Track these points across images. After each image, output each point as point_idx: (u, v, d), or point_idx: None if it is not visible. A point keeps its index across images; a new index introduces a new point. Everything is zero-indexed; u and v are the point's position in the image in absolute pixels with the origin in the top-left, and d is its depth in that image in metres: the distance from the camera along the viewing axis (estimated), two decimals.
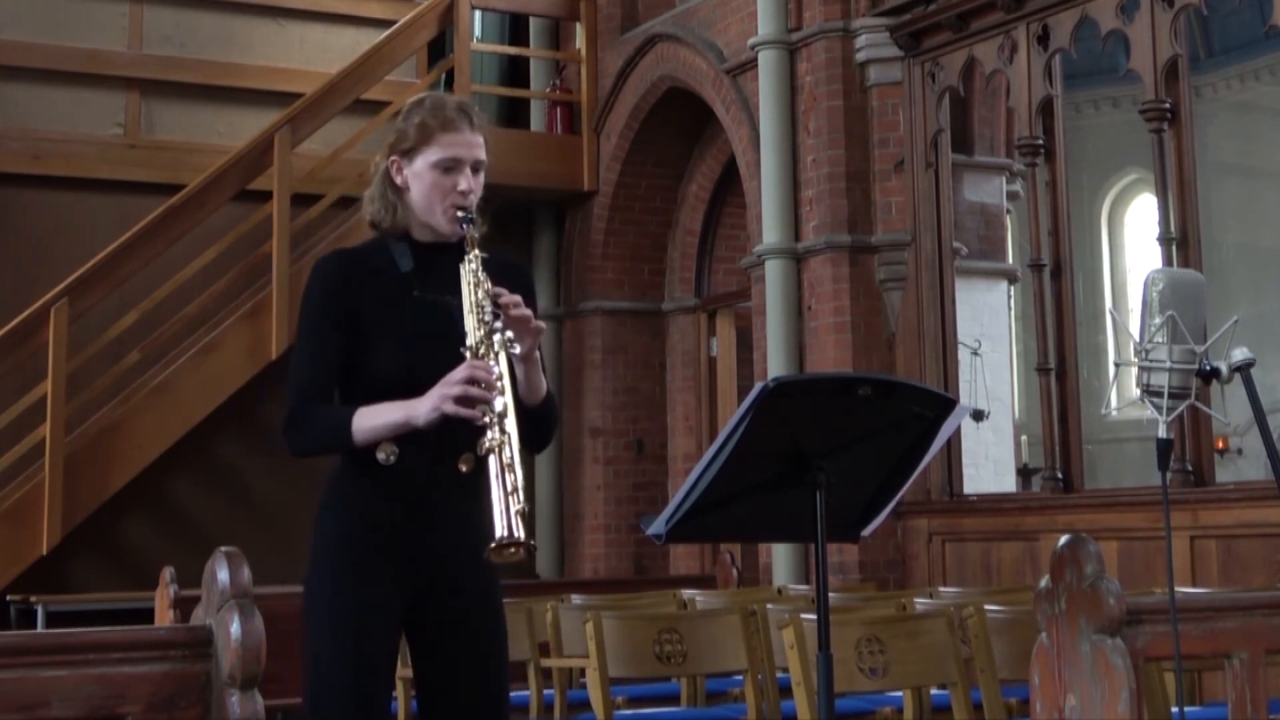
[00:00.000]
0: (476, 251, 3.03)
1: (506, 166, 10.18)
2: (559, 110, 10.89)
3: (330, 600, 3.02)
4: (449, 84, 10.60)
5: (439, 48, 10.87)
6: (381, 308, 3.06)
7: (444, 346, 2.98)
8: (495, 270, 3.06)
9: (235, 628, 2.17)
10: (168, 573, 6.64)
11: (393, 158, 3.13)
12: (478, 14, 10.84)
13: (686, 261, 10.85)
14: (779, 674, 5.04)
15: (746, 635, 4.97)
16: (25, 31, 9.69)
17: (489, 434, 2.87)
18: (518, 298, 3.00)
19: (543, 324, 3.05)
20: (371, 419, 2.98)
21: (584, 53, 10.78)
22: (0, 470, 8.66)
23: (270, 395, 9.49)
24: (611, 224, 10.69)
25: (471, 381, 2.90)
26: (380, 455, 2.99)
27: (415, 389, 2.96)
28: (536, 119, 11.13)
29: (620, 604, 6.13)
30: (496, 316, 2.97)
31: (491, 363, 2.93)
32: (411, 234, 3.14)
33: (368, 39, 10.24)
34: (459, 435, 2.95)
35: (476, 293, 2.99)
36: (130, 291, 9.07)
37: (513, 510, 2.81)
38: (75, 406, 8.81)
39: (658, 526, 2.95)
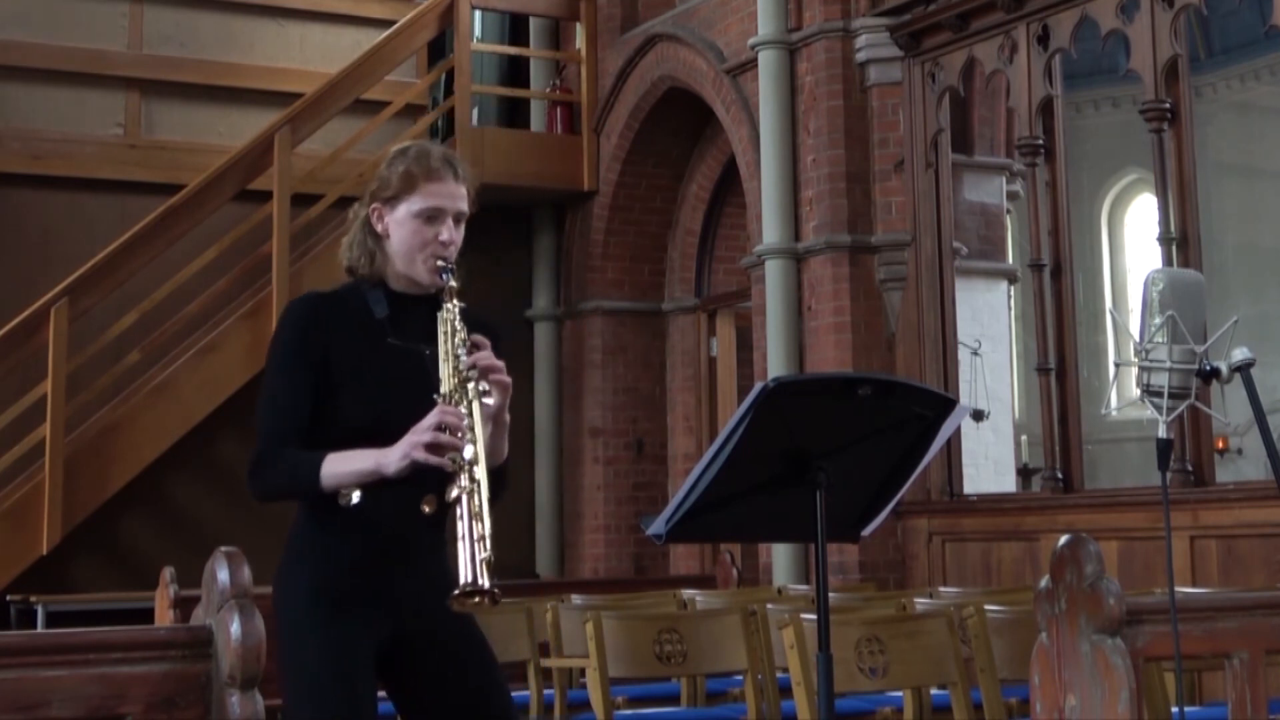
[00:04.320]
0: (455, 301, 3.01)
1: (506, 166, 10.20)
2: (559, 110, 10.89)
3: (306, 648, 2.95)
4: (449, 84, 10.60)
5: (439, 48, 10.87)
6: (354, 352, 3.02)
7: (415, 396, 2.94)
8: (469, 323, 3.02)
9: (235, 628, 2.18)
10: (168, 573, 6.63)
11: (374, 205, 3.10)
12: (478, 14, 10.84)
13: (686, 261, 10.85)
14: (779, 674, 5.04)
15: (746, 635, 4.97)
16: (25, 31, 9.68)
17: (459, 480, 2.83)
18: (488, 352, 2.97)
19: (509, 381, 3.00)
20: (341, 465, 2.92)
21: (584, 53, 10.78)
22: (0, 470, 8.66)
23: None
24: (611, 224, 10.69)
25: (441, 427, 2.86)
26: (341, 495, 2.94)
27: (384, 437, 2.91)
28: (536, 119, 11.13)
29: (620, 604, 6.13)
30: (472, 366, 2.93)
31: (463, 409, 2.89)
32: (388, 282, 3.10)
33: (368, 39, 10.25)
34: (424, 477, 2.91)
35: (452, 340, 2.96)
36: (130, 291, 9.06)
37: (478, 558, 2.77)
38: (75, 406, 8.81)
39: (658, 526, 2.94)
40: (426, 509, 2.97)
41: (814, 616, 3.33)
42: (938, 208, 8.29)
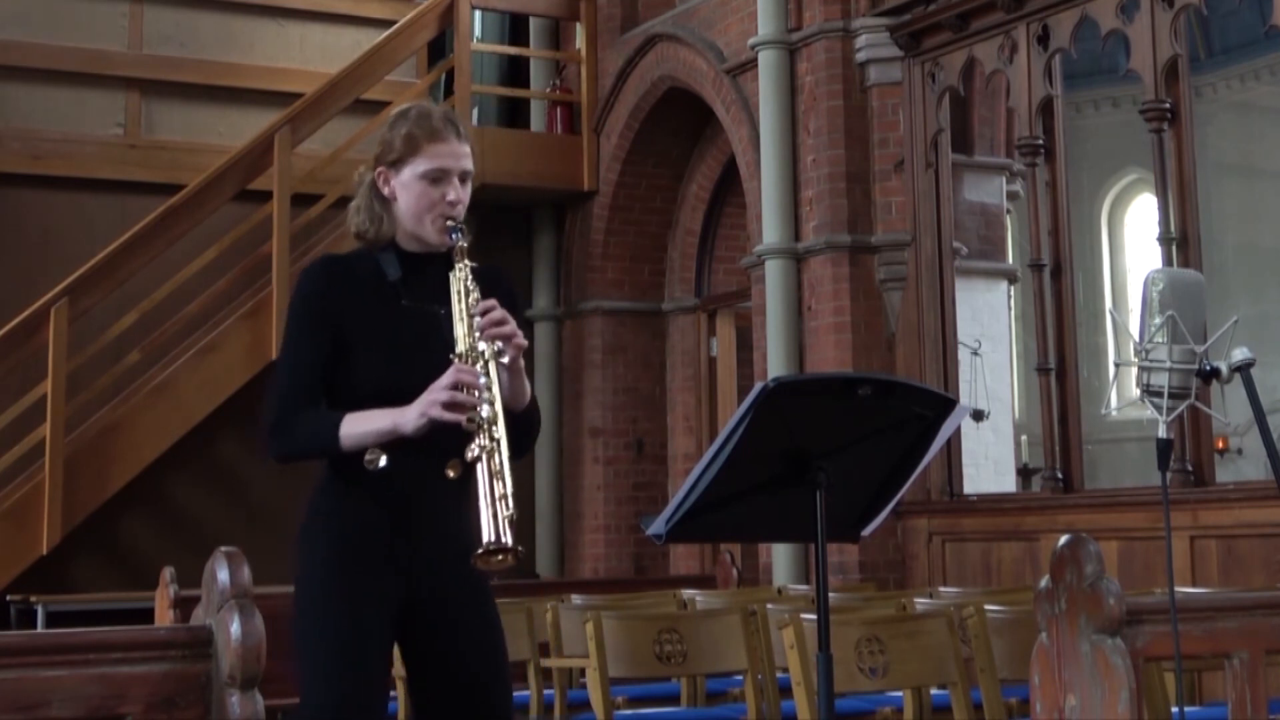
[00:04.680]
0: (466, 261, 3.02)
1: (506, 166, 10.20)
2: (559, 110, 10.89)
3: (323, 608, 2.98)
4: (449, 84, 10.60)
5: (439, 48, 10.87)
6: (368, 315, 3.03)
7: (430, 356, 2.95)
8: (480, 278, 3.04)
9: (235, 628, 2.18)
10: (168, 573, 6.64)
11: (379, 169, 3.10)
12: (478, 14, 10.84)
13: (686, 261, 10.85)
14: (779, 674, 5.04)
15: (746, 635, 4.97)
16: (25, 31, 9.68)
17: (477, 440, 2.85)
18: (501, 312, 2.97)
19: (524, 342, 3.01)
20: (360, 425, 2.95)
21: (584, 53, 10.78)
22: (0, 470, 8.66)
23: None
24: (611, 224, 10.69)
25: (458, 386, 2.88)
26: (367, 459, 2.95)
27: (401, 399, 2.93)
28: (536, 119, 11.13)
29: (620, 604, 6.13)
30: (486, 326, 2.95)
31: (479, 369, 2.90)
32: (398, 244, 3.11)
33: (368, 39, 10.25)
34: (447, 441, 2.91)
35: (466, 300, 2.97)
36: (130, 291, 9.06)
37: (501, 516, 2.79)
38: (75, 406, 8.81)
39: (658, 526, 2.94)
40: (451, 474, 2.96)
41: (814, 616, 3.33)
42: (938, 208, 8.29)
